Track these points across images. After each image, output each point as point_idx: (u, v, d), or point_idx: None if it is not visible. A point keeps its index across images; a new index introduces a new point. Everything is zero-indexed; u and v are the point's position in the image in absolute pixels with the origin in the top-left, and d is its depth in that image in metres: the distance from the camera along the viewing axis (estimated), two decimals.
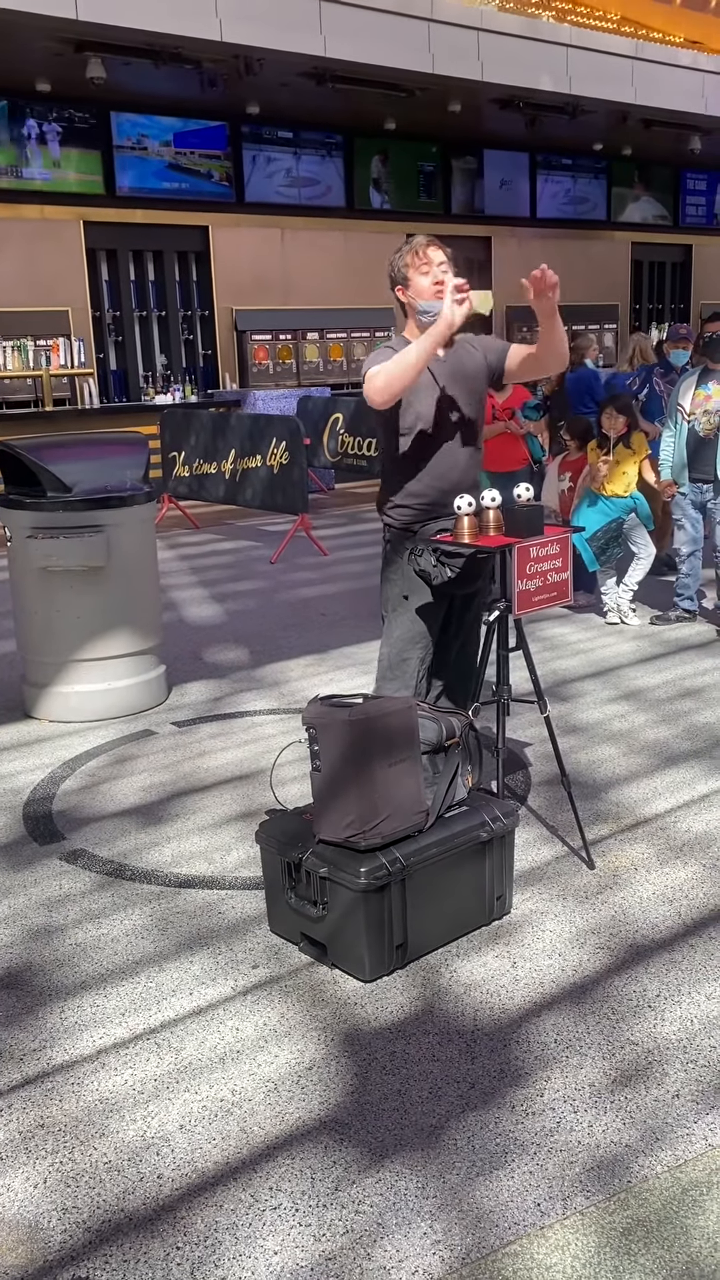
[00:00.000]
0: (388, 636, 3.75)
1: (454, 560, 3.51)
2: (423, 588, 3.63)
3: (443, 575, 3.53)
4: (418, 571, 3.60)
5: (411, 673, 3.67)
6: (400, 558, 3.68)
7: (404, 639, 3.69)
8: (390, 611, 3.76)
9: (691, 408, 6.20)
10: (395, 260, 3.57)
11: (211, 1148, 2.42)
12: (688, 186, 18.53)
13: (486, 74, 12.03)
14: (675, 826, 3.90)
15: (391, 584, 3.75)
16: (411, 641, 3.68)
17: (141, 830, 4.01)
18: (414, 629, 3.68)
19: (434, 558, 3.52)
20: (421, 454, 3.59)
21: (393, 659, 3.71)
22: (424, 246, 3.54)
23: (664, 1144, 2.39)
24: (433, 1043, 2.75)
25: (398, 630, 3.71)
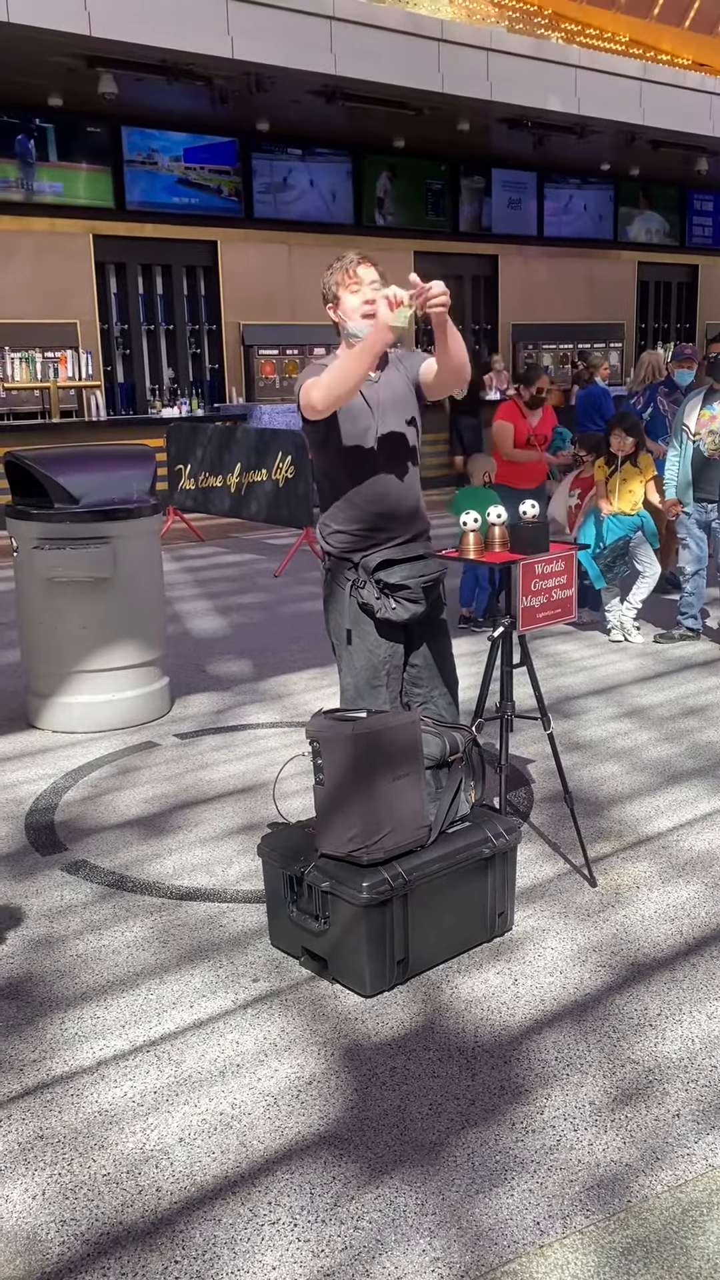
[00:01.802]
0: (349, 667, 3.47)
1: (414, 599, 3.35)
2: (369, 621, 3.41)
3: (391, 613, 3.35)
4: (361, 605, 3.39)
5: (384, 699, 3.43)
6: (342, 589, 3.44)
7: (368, 667, 3.44)
8: (340, 643, 3.50)
9: (697, 428, 6.22)
10: (327, 278, 3.44)
11: (210, 1161, 2.42)
12: (694, 207, 18.63)
13: (495, 94, 12.12)
14: (677, 845, 3.90)
15: (336, 615, 3.49)
16: (376, 668, 3.43)
17: (143, 842, 4.01)
18: (374, 656, 3.42)
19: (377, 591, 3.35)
20: (357, 479, 3.37)
21: (360, 687, 3.45)
22: (354, 264, 3.38)
23: (664, 1163, 2.39)
24: (433, 1059, 2.75)
25: (360, 660, 3.44)
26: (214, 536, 10.75)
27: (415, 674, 3.53)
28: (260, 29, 10.34)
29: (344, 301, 3.39)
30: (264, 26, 10.37)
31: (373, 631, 3.42)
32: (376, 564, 3.36)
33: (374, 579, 3.37)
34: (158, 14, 9.76)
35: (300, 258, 14.02)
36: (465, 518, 3.44)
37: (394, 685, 3.47)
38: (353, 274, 3.36)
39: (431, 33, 11.71)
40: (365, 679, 3.44)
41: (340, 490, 3.41)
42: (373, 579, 3.37)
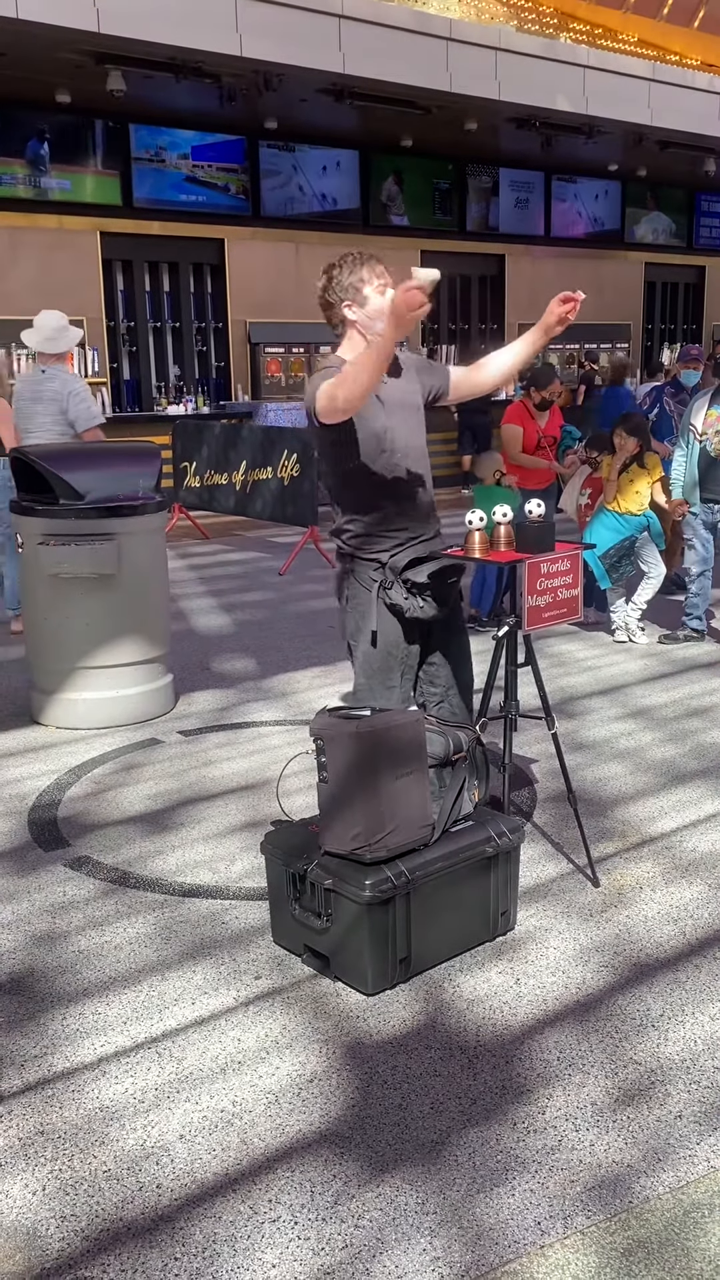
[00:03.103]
0: (366, 668, 3.45)
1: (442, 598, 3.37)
2: (394, 622, 3.40)
3: (420, 611, 3.36)
4: (389, 605, 3.38)
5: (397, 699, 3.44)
6: (367, 590, 3.41)
7: (384, 669, 3.43)
8: (361, 644, 3.46)
9: (704, 428, 6.20)
10: (343, 276, 3.28)
11: (211, 1158, 2.42)
12: (702, 208, 18.60)
13: (504, 93, 12.11)
14: (681, 846, 3.89)
15: (357, 616, 3.46)
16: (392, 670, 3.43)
17: (146, 838, 4.00)
18: (393, 657, 3.42)
19: (405, 590, 3.35)
20: (378, 479, 3.33)
21: (375, 689, 3.43)
22: (374, 262, 3.28)
23: (666, 1165, 2.38)
24: (434, 1058, 2.74)
25: (378, 661, 3.43)
26: (219, 534, 10.75)
27: (433, 672, 3.55)
28: (269, 27, 10.34)
29: (370, 302, 3.28)
30: (273, 24, 10.37)
31: (396, 631, 3.41)
32: (405, 563, 3.36)
33: (401, 579, 3.36)
34: (166, 11, 9.76)
35: (307, 256, 14.01)
36: (471, 516, 3.44)
37: (407, 686, 3.48)
38: (380, 273, 3.29)
39: (440, 32, 11.70)
40: (381, 680, 3.44)
41: (360, 492, 3.37)
42: (399, 579, 3.36)
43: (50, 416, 6.20)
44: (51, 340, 6.23)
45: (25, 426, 6.28)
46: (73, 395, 6.16)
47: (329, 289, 3.34)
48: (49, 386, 6.19)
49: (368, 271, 3.29)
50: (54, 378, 6.22)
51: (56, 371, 6.26)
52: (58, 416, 6.18)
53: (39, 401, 6.21)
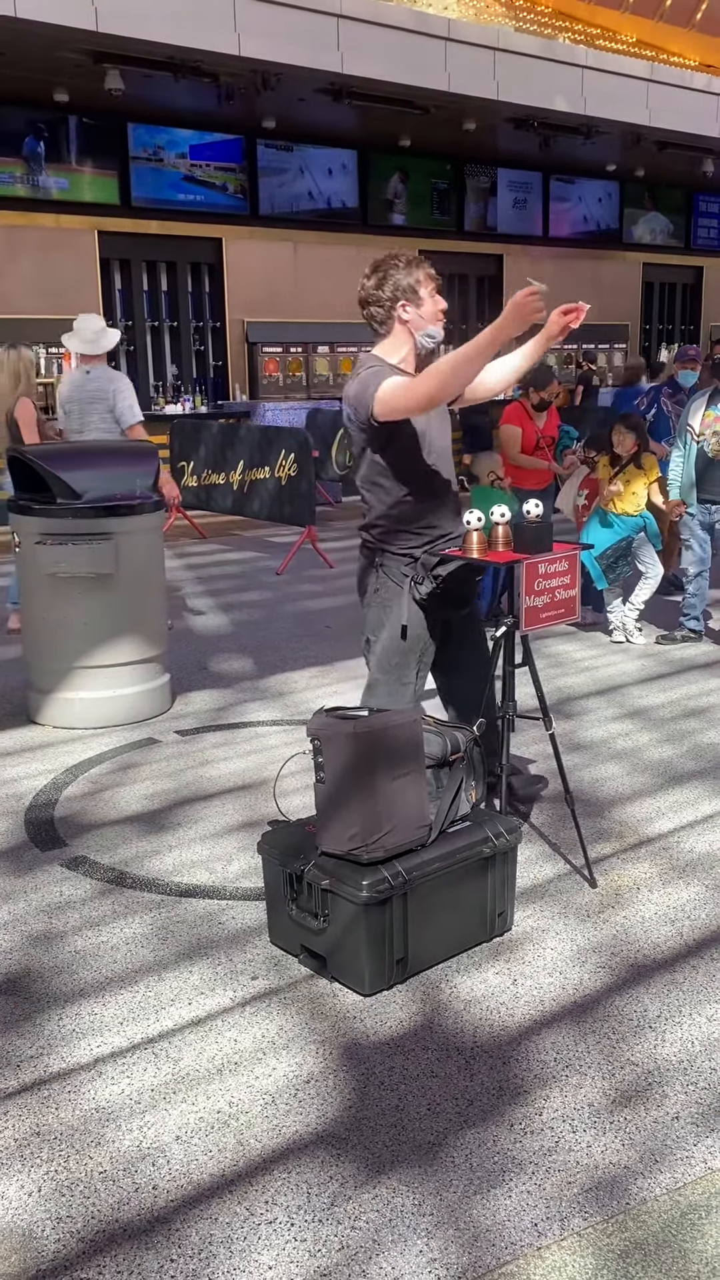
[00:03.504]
0: (384, 663, 3.54)
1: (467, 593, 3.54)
2: (421, 616, 3.51)
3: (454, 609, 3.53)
4: (418, 600, 3.49)
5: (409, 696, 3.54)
6: (399, 585, 3.51)
7: (404, 665, 3.53)
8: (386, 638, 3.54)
9: (701, 428, 6.20)
10: (400, 276, 3.34)
11: (207, 1160, 2.41)
12: (700, 209, 18.62)
13: (502, 94, 12.11)
14: (678, 846, 3.89)
15: (380, 610, 3.55)
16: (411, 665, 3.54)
17: (143, 838, 4.00)
18: (414, 652, 3.53)
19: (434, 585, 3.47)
20: (417, 479, 3.45)
21: (390, 684, 3.53)
22: (428, 264, 3.38)
23: (663, 1166, 2.38)
24: (431, 1059, 2.74)
25: (396, 657, 3.53)
26: (216, 534, 10.74)
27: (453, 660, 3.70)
28: (267, 26, 10.33)
29: (425, 304, 3.36)
30: (271, 24, 10.37)
31: (422, 625, 3.53)
32: (437, 560, 3.48)
33: (431, 575, 3.48)
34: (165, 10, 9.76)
35: (305, 256, 14.02)
36: (469, 516, 3.43)
37: (420, 684, 3.61)
38: (434, 275, 3.39)
39: (439, 31, 11.70)
40: (397, 676, 3.56)
41: (397, 489, 3.46)
42: (430, 575, 3.48)
43: (99, 415, 6.47)
44: (92, 343, 6.52)
45: (77, 427, 6.54)
46: (118, 392, 6.44)
47: (382, 287, 3.37)
48: (94, 386, 6.47)
49: (422, 274, 3.38)
50: (97, 378, 6.50)
51: (99, 372, 6.54)
52: (106, 415, 6.45)
53: (88, 402, 6.48)
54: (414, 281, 3.35)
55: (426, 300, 3.36)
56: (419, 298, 3.36)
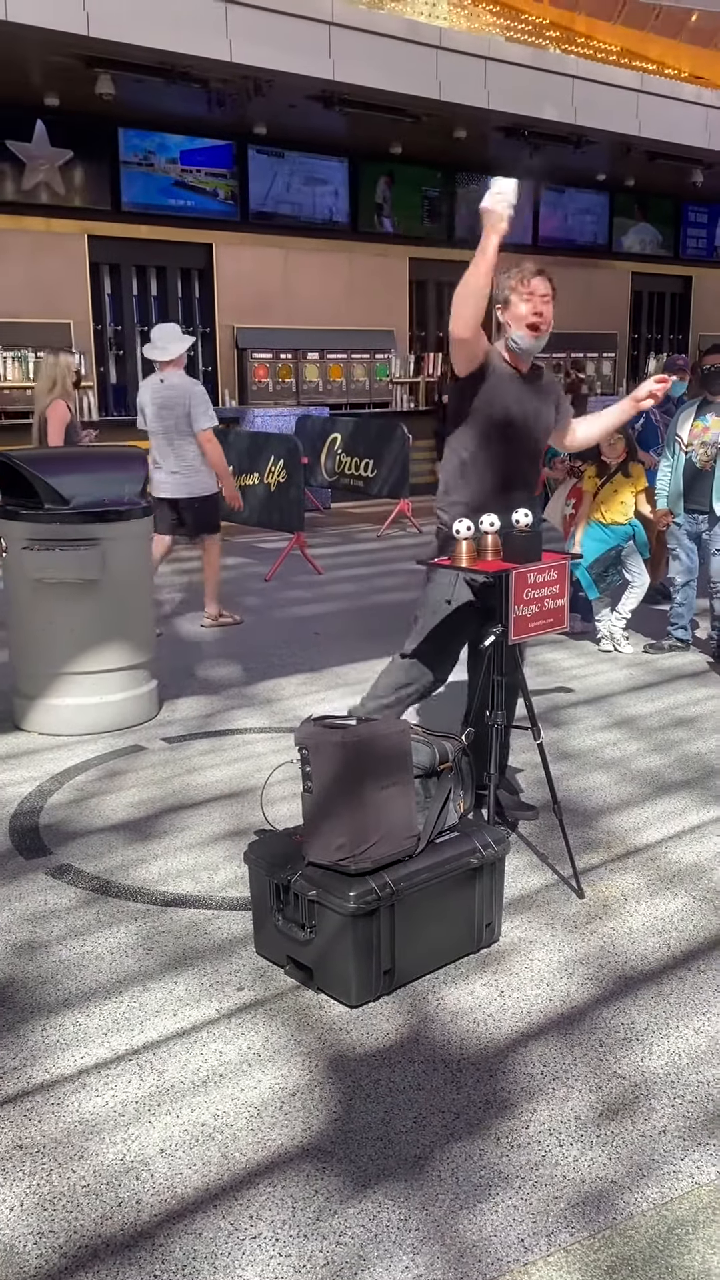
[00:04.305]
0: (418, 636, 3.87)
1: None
2: (466, 595, 3.75)
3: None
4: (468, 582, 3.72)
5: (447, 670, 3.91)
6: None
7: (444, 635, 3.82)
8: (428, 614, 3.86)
9: (689, 439, 6.22)
10: (501, 280, 3.69)
11: (192, 1173, 2.39)
12: (689, 219, 18.68)
13: (493, 102, 12.13)
14: (666, 857, 3.88)
15: (437, 586, 3.84)
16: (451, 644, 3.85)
17: (129, 846, 3.97)
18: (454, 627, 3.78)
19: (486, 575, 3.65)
20: (494, 458, 3.71)
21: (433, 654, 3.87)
22: (531, 274, 3.66)
23: (650, 1180, 2.36)
24: (418, 1071, 2.72)
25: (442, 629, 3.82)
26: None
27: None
28: (259, 32, 10.33)
29: (513, 306, 3.68)
30: (262, 30, 10.36)
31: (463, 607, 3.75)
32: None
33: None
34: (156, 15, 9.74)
35: (296, 262, 14.02)
36: (459, 525, 3.43)
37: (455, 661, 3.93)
38: (527, 282, 3.67)
39: (430, 40, 11.72)
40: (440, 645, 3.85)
41: (467, 466, 3.75)
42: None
43: (175, 419, 6.80)
44: (160, 349, 6.87)
45: (156, 429, 6.89)
46: (192, 399, 6.78)
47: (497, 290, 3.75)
48: (171, 393, 6.81)
49: (516, 281, 3.71)
50: (173, 385, 6.83)
51: (176, 379, 6.86)
52: (182, 419, 6.78)
53: (164, 406, 6.82)
54: (507, 288, 3.71)
55: (515, 303, 3.69)
56: (510, 303, 3.71)
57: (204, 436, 6.79)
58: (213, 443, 6.86)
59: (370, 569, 9.10)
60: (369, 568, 9.31)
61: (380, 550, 10.34)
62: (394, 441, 11.12)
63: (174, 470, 6.91)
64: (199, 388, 6.91)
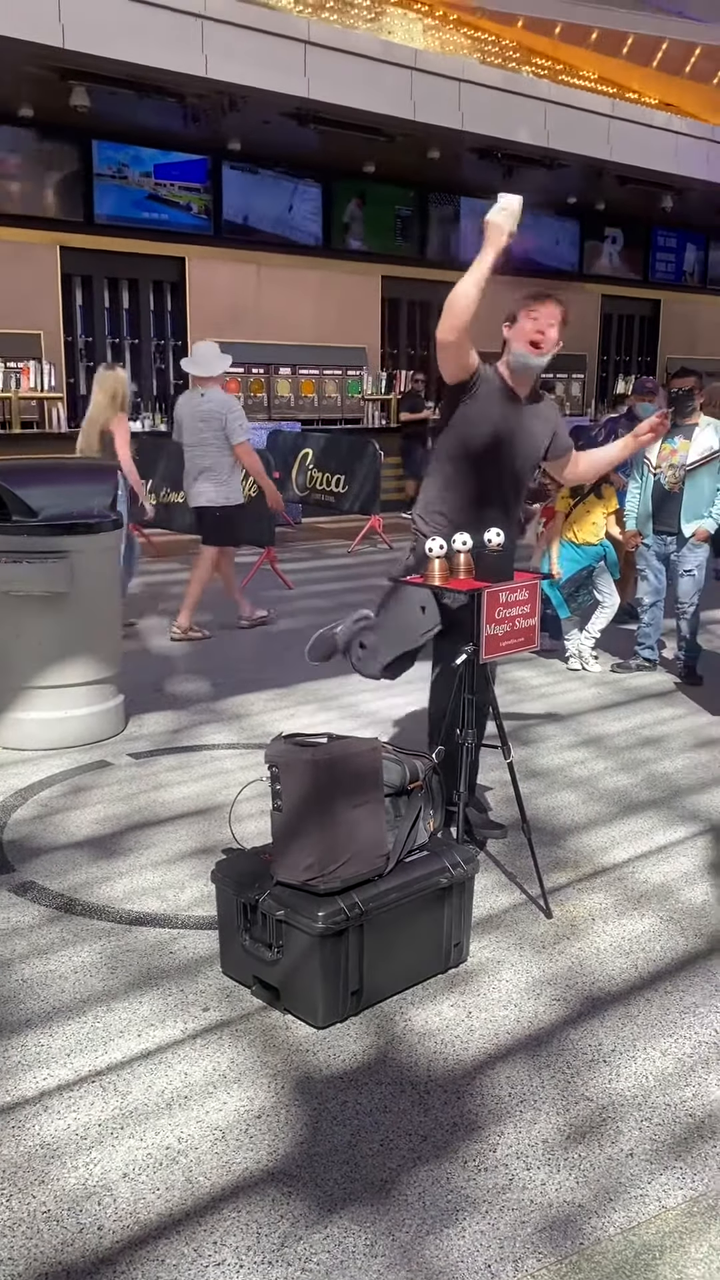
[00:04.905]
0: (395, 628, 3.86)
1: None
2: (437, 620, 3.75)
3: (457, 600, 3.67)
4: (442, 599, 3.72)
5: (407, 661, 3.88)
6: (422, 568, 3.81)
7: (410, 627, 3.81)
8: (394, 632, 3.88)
9: (658, 461, 6.27)
10: (514, 298, 3.81)
11: (155, 1198, 2.35)
12: (658, 243, 18.92)
13: (466, 124, 12.24)
14: (633, 877, 3.89)
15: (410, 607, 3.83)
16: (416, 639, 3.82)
17: (94, 864, 3.93)
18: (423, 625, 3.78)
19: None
20: (475, 473, 3.76)
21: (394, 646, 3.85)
22: (542, 298, 3.75)
23: (617, 1204, 2.35)
24: (385, 1093, 2.70)
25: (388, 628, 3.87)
26: (174, 553, 10.65)
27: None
28: (234, 49, 10.37)
29: (519, 324, 3.75)
30: (238, 47, 10.41)
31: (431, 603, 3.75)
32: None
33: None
34: (132, 29, 9.76)
35: (268, 278, 14.04)
36: (431, 544, 3.43)
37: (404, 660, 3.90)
38: (536, 305, 3.73)
39: (405, 61, 11.82)
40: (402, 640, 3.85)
41: (449, 476, 3.82)
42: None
43: (212, 432, 7.03)
44: (203, 365, 7.15)
45: (192, 442, 7.13)
46: (229, 413, 7.01)
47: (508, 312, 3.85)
48: (208, 407, 7.04)
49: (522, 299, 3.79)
50: (211, 399, 7.06)
51: (213, 394, 7.10)
52: (218, 432, 7.01)
53: (201, 420, 7.06)
54: (516, 305, 3.80)
55: (520, 323, 3.75)
56: (517, 320, 3.78)
57: (241, 449, 7.05)
58: (250, 454, 7.12)
59: (341, 584, 9.10)
60: (340, 583, 9.30)
61: (351, 566, 10.34)
62: (365, 458, 11.14)
63: (206, 480, 7.16)
64: (235, 403, 7.18)
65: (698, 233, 19.22)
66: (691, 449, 6.14)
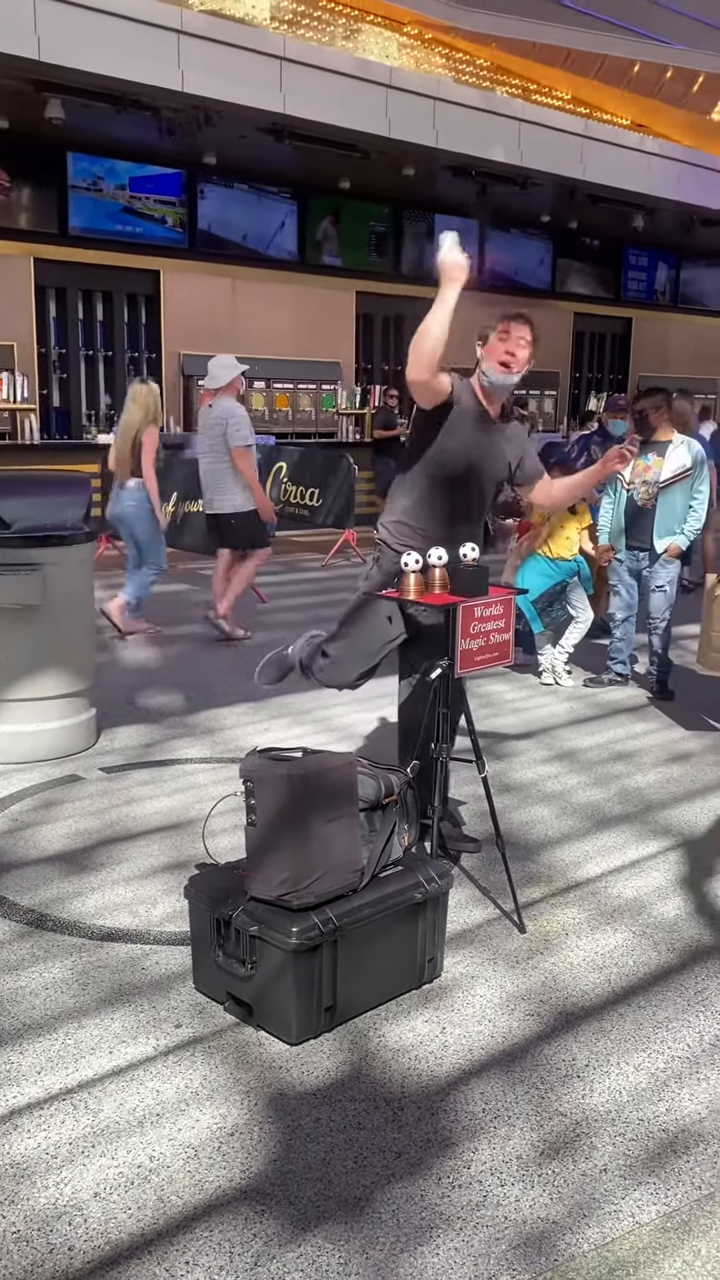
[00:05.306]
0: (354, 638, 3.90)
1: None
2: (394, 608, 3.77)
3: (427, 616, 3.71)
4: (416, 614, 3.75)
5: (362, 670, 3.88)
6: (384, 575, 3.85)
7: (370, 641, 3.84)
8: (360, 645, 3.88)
9: (631, 477, 6.32)
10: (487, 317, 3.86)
11: (127, 1218, 2.33)
12: (630, 262, 19.11)
13: (441, 141, 12.33)
14: (606, 891, 3.90)
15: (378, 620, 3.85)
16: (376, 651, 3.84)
17: (64, 879, 3.89)
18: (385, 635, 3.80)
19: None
20: (441, 485, 3.77)
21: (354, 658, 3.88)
22: (513, 319, 3.79)
23: (591, 1220, 2.35)
24: (359, 1110, 2.69)
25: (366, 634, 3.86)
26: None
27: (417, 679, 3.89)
28: (211, 64, 10.41)
29: (491, 344, 3.79)
30: (215, 62, 10.44)
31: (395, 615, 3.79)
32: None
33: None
34: (108, 43, 9.77)
35: (243, 291, 14.07)
36: (407, 559, 3.43)
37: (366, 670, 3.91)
38: (509, 326, 3.77)
39: (380, 78, 11.90)
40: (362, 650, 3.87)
41: (416, 489, 3.83)
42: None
43: (211, 440, 7.25)
44: (212, 377, 7.38)
45: (204, 450, 7.38)
46: (231, 418, 7.18)
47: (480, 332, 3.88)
48: (215, 417, 7.26)
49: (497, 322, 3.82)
50: (218, 409, 7.26)
51: (220, 403, 7.30)
52: (218, 440, 7.20)
53: (209, 429, 7.30)
54: (489, 328, 3.83)
55: (493, 342, 3.78)
56: (489, 340, 3.81)
57: (236, 454, 7.19)
58: (244, 459, 7.22)
59: (314, 598, 9.09)
60: (313, 596, 9.30)
61: (325, 579, 10.34)
62: (339, 472, 11.16)
63: (217, 489, 7.38)
64: (239, 409, 7.31)
65: (669, 252, 19.44)
66: (665, 466, 6.19)
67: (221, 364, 7.37)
